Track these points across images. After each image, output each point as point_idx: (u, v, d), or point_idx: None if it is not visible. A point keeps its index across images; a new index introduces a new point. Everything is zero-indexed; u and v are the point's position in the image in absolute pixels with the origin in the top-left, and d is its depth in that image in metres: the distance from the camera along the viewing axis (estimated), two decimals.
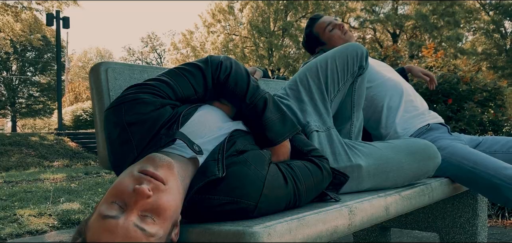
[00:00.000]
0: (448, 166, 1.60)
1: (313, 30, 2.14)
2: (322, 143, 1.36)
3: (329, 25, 2.10)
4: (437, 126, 1.83)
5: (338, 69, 1.51)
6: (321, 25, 2.12)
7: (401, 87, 1.93)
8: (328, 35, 2.10)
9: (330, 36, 2.10)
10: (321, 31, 2.11)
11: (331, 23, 2.11)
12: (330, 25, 2.10)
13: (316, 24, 2.14)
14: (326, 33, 2.10)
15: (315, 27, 2.14)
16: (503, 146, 1.74)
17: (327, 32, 2.10)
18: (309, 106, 1.45)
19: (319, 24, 2.13)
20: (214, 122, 1.08)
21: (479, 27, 28.93)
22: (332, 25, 2.10)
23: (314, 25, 2.14)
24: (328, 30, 2.10)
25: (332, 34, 2.10)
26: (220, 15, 29.07)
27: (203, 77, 1.11)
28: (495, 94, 3.72)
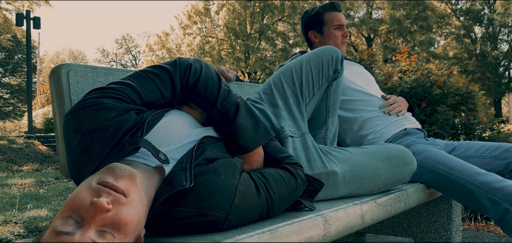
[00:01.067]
0: (423, 171, 1.59)
1: (323, 16, 2.09)
2: (297, 148, 1.31)
3: (339, 25, 2.06)
4: (414, 130, 1.82)
5: (313, 73, 1.47)
6: (333, 17, 2.07)
7: (375, 94, 1.92)
8: (330, 32, 2.07)
9: (330, 34, 2.07)
10: (330, 23, 2.07)
11: (341, 25, 2.07)
12: (339, 25, 2.06)
13: (328, 13, 2.08)
14: (329, 30, 2.07)
15: (327, 16, 2.08)
16: (477, 151, 1.75)
17: (331, 30, 2.06)
18: (283, 111, 1.40)
19: (332, 16, 2.08)
20: (183, 128, 1.02)
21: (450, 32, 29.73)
22: (341, 27, 2.07)
23: (328, 12, 2.08)
24: (334, 27, 2.06)
25: (333, 34, 2.06)
26: (197, 17, 28.89)
27: (171, 80, 1.05)
28: (467, 98, 3.78)
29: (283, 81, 1.45)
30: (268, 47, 28.97)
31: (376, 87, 2.03)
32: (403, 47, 22.98)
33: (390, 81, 3.70)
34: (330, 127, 1.55)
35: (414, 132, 1.81)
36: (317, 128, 1.55)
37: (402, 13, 27.34)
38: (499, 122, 4.11)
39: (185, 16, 29.31)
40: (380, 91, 2.04)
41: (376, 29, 28.92)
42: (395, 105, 1.92)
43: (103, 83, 1.27)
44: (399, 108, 1.93)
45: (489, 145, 1.76)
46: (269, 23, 28.50)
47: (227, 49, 28.62)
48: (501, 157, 1.71)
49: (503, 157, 1.71)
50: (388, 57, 27.82)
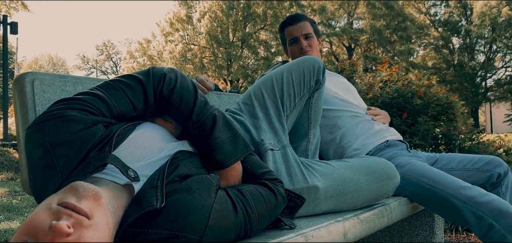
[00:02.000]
0: (406, 184, 1.55)
1: (283, 34, 2.11)
2: (277, 162, 1.26)
3: (293, 39, 2.05)
4: (396, 142, 1.79)
5: (294, 83, 1.42)
6: (288, 33, 2.08)
7: (358, 107, 1.89)
8: (292, 48, 2.07)
9: (292, 50, 2.06)
10: (287, 39, 2.09)
11: (295, 38, 2.05)
12: (293, 39, 2.05)
13: (286, 29, 2.09)
14: (291, 45, 2.07)
15: (286, 32, 2.09)
16: (459, 163, 1.73)
17: (291, 46, 2.07)
18: (263, 122, 1.35)
19: (288, 31, 2.08)
20: (155, 142, 0.96)
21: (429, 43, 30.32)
22: (295, 40, 2.05)
23: (286, 28, 2.09)
24: (289, 43, 2.07)
25: (293, 48, 2.06)
26: (178, 24, 28.73)
27: (144, 91, 0.99)
28: (447, 108, 3.80)
29: (264, 91, 1.40)
30: (251, 55, 29.01)
31: (358, 98, 2.00)
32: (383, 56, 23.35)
33: (372, 92, 3.70)
34: (312, 139, 1.50)
35: (396, 143, 1.78)
36: (298, 140, 1.50)
37: (382, 24, 27.77)
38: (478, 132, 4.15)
39: (167, 23, 29.11)
40: (362, 101, 2.01)
41: (356, 39, 29.28)
42: (380, 117, 1.92)
43: (72, 92, 1.19)
44: (382, 119, 1.92)
45: (471, 157, 1.74)
46: (252, 32, 28.55)
47: (210, 57, 28.51)
48: (483, 170, 1.69)
49: (485, 169, 1.69)
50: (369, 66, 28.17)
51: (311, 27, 2.08)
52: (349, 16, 29.94)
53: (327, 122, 1.82)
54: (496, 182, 1.67)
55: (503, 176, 1.67)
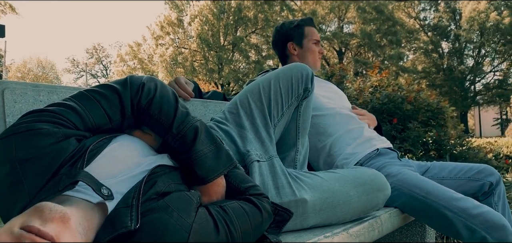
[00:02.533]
0: (398, 194, 1.51)
1: (303, 29, 2.06)
2: (264, 174, 1.21)
3: (317, 41, 2.07)
4: (386, 150, 1.75)
5: (282, 91, 1.37)
6: (312, 32, 2.07)
7: (348, 113, 1.84)
8: (309, 45, 2.05)
9: (309, 48, 2.04)
10: (310, 37, 2.05)
11: (318, 41, 2.09)
12: (317, 41, 2.07)
13: (308, 27, 2.07)
14: (309, 43, 2.05)
15: (306, 30, 2.06)
16: (450, 172, 1.69)
17: (310, 44, 2.05)
18: (250, 132, 1.30)
19: (311, 30, 2.07)
20: (132, 156, 0.90)
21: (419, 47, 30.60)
22: (318, 43, 2.08)
23: (308, 26, 2.07)
24: (313, 41, 2.05)
25: (312, 48, 2.05)
26: (169, 27, 28.61)
27: (120, 102, 0.93)
28: (438, 113, 3.78)
29: (250, 100, 1.35)
30: (242, 59, 28.99)
31: (348, 105, 1.96)
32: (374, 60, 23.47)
33: (362, 97, 3.67)
34: (300, 149, 1.45)
35: (387, 152, 1.74)
36: (286, 150, 1.45)
37: (372, 28, 27.95)
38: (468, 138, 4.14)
39: (157, 26, 28.98)
40: (349, 106, 1.97)
41: (347, 43, 29.43)
42: (364, 118, 1.89)
43: (46, 102, 1.13)
44: (367, 120, 1.89)
45: (462, 166, 1.71)
46: (243, 35, 28.54)
47: (200, 61, 28.43)
48: (474, 179, 1.66)
49: (476, 178, 1.66)
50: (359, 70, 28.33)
51: None
52: (340, 21, 30.09)
53: (317, 129, 1.77)
54: (488, 191, 1.64)
55: (495, 185, 1.63)
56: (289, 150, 1.44)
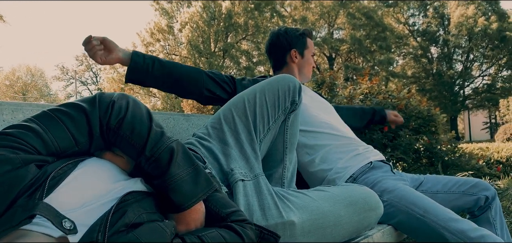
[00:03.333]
0: (395, 211, 1.44)
1: (306, 39, 2.03)
2: (249, 194, 1.13)
3: (314, 54, 2.06)
4: (380, 163, 1.68)
5: (268, 105, 1.30)
6: (312, 44, 2.06)
7: (337, 125, 1.77)
8: (309, 57, 2.03)
9: (309, 59, 2.02)
10: (310, 48, 2.03)
11: (314, 54, 2.07)
12: (314, 54, 2.06)
13: (309, 39, 2.06)
14: (309, 55, 2.03)
15: (308, 41, 2.04)
16: (444, 186, 1.63)
17: (310, 56, 2.03)
18: (234, 149, 1.22)
19: (311, 43, 2.06)
20: (100, 182, 0.82)
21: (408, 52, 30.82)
22: (313, 56, 2.06)
23: (309, 37, 2.06)
24: (311, 54, 2.04)
25: (310, 61, 2.03)
26: (159, 34, 28.50)
27: (88, 122, 0.84)
28: (429, 121, 3.74)
29: (235, 114, 1.27)
30: (232, 65, 28.95)
31: (337, 117, 1.89)
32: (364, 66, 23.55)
33: (352, 104, 3.61)
34: (288, 165, 1.37)
35: (380, 165, 1.67)
36: (273, 166, 1.37)
37: (362, 34, 28.11)
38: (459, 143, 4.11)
39: (147, 33, 28.85)
40: (341, 120, 1.90)
41: (337, 48, 29.54)
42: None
43: (10, 121, 1.04)
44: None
45: (456, 179, 1.65)
46: (233, 42, 28.53)
47: None
48: (469, 193, 1.60)
49: (471, 192, 1.60)
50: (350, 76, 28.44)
51: None
52: (330, 27, 30.22)
53: (305, 142, 1.69)
54: (484, 206, 1.58)
55: (491, 200, 1.58)
56: (276, 166, 1.37)
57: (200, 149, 1.21)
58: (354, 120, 2.30)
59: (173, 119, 1.39)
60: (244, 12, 28.01)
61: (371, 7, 27.95)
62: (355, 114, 2.37)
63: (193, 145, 1.22)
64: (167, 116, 1.38)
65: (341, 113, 2.09)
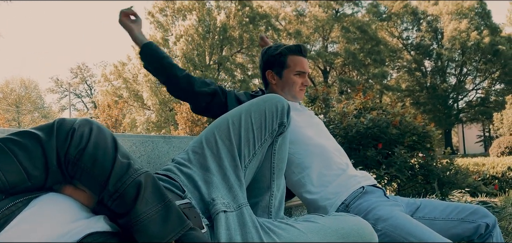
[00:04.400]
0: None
1: (285, 58, 1.84)
2: (231, 227, 1.03)
3: (301, 72, 1.84)
4: (372, 188, 1.58)
5: (254, 127, 1.21)
6: (296, 62, 1.84)
7: (327, 145, 1.68)
8: (289, 77, 1.84)
9: (289, 79, 1.84)
10: (292, 67, 1.83)
11: (304, 72, 1.86)
12: (301, 72, 1.84)
13: (293, 57, 1.85)
14: (289, 74, 1.84)
15: (290, 59, 1.84)
16: (442, 212, 1.54)
17: (291, 75, 1.83)
18: (216, 176, 1.12)
19: (296, 60, 1.84)
20: (57, 222, 0.72)
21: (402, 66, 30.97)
22: (302, 74, 1.85)
23: (293, 55, 1.85)
24: (295, 73, 1.83)
25: (292, 80, 1.83)
26: None
27: (43, 153, 0.75)
28: (424, 137, 3.67)
29: (218, 137, 1.18)
30: (227, 78, 28.94)
31: (327, 133, 1.80)
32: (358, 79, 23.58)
33: (346, 121, 3.53)
34: (275, 193, 1.28)
35: (373, 190, 1.58)
36: (259, 194, 1.27)
37: (356, 47, 28.25)
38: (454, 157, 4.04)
39: None
40: (331, 137, 1.80)
41: (332, 62, 29.63)
42: None
43: None
44: None
45: (454, 205, 1.56)
46: (228, 55, 28.53)
47: None
48: (468, 220, 1.51)
49: (470, 219, 1.51)
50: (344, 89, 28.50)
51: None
52: (324, 40, 30.33)
53: (292, 160, 1.59)
54: (485, 234, 1.49)
55: (492, 228, 1.49)
56: (263, 194, 1.27)
57: (179, 176, 1.11)
58: None
59: (151, 142, 1.30)
60: (239, 25, 28.07)
61: (365, 21, 28.12)
62: None
63: (171, 172, 1.12)
64: (145, 139, 1.29)
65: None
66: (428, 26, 30.02)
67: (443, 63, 29.60)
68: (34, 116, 47.01)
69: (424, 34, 30.30)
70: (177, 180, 1.09)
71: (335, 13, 29.55)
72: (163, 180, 1.08)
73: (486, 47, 26.87)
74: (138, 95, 29.27)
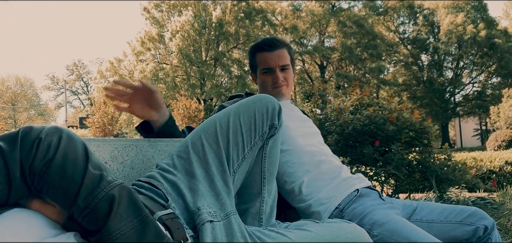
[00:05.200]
0: None
1: (255, 56, 1.75)
2: (218, 237, 0.97)
3: (267, 69, 1.72)
4: (367, 191, 1.52)
5: (243, 129, 1.14)
6: (262, 59, 1.73)
7: (319, 150, 1.62)
8: (259, 75, 1.74)
9: (260, 78, 1.74)
10: (260, 65, 1.74)
11: (269, 69, 1.72)
12: (267, 69, 1.72)
13: (260, 54, 1.74)
14: (259, 73, 1.74)
15: (258, 56, 1.74)
16: (440, 214, 1.48)
17: (260, 74, 1.74)
18: (202, 183, 1.06)
19: (262, 57, 1.73)
20: (22, 241, 0.66)
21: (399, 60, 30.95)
22: (270, 71, 1.73)
23: (260, 52, 1.74)
24: (262, 71, 1.73)
25: (262, 79, 1.73)
26: (150, 43, 28.28)
27: (5, 165, 0.68)
28: (421, 133, 3.61)
29: (204, 141, 1.11)
30: (224, 73, 28.86)
31: (318, 135, 1.74)
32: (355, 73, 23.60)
33: (342, 118, 3.47)
34: (266, 198, 1.21)
35: (368, 192, 1.52)
36: (249, 200, 1.21)
37: (353, 42, 28.19)
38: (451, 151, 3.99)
39: (138, 42, 28.62)
40: (321, 139, 1.73)
41: (328, 56, 29.59)
42: None
43: None
44: None
45: (452, 208, 1.50)
46: (224, 50, 28.43)
47: (182, 76, 28.16)
48: (467, 222, 1.45)
49: (469, 222, 1.45)
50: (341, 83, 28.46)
51: (289, 56, 1.76)
52: (321, 35, 30.27)
53: (283, 168, 1.53)
54: (484, 236, 1.44)
55: (491, 230, 1.43)
56: (253, 200, 1.21)
57: (163, 183, 1.05)
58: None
59: (135, 146, 1.23)
60: (235, 21, 27.96)
61: (361, 16, 28.06)
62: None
63: (154, 179, 1.06)
64: (129, 143, 1.22)
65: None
66: (425, 20, 29.99)
67: (439, 57, 29.59)
68: (31, 114, 46.84)
69: (420, 28, 30.28)
70: (160, 188, 1.02)
71: (331, 8, 29.48)
72: (146, 188, 1.02)
73: (482, 41, 26.88)
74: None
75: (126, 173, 1.20)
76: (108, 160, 1.15)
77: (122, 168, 1.18)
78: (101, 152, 1.14)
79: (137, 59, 28.67)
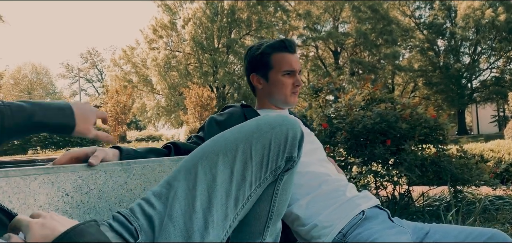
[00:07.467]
0: None
1: (269, 58, 1.59)
2: None
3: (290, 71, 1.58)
4: (375, 211, 1.38)
5: (253, 162, 0.94)
6: (282, 60, 1.58)
7: (321, 166, 1.48)
8: (277, 79, 1.58)
9: (278, 81, 1.59)
10: (279, 67, 1.58)
11: (292, 71, 1.58)
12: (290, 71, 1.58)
13: (278, 54, 1.59)
14: (276, 76, 1.58)
15: (274, 58, 1.58)
16: (455, 238, 1.34)
17: (279, 77, 1.58)
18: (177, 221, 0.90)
19: (282, 58, 1.58)
20: None
21: (415, 45, 30.34)
22: (292, 73, 1.59)
23: (277, 52, 1.59)
24: (282, 73, 1.57)
25: (281, 82, 1.58)
26: (162, 31, 28.25)
27: None
28: (436, 130, 3.43)
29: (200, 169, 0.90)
30: (236, 61, 28.69)
31: (321, 149, 1.60)
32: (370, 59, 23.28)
33: (352, 114, 3.31)
34: (267, 240, 1.06)
35: (375, 214, 1.38)
36: (247, 238, 1.04)
37: (367, 27, 27.67)
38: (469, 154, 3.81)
39: (150, 30, 28.61)
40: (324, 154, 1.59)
41: (342, 42, 29.14)
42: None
43: None
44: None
45: (469, 231, 1.35)
46: (237, 37, 28.23)
47: (195, 64, 28.12)
48: None
49: None
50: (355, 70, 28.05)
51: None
52: (335, 20, 29.79)
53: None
54: None
55: None
56: (252, 239, 1.05)
57: (139, 219, 0.91)
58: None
59: (104, 172, 1.07)
60: (247, 7, 27.70)
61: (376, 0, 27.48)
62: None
63: (132, 213, 0.93)
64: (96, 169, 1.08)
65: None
66: (441, 4, 29.22)
67: (456, 42, 28.88)
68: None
69: (437, 13, 29.56)
70: (133, 224, 0.90)
71: None
72: (120, 222, 0.90)
73: (501, 25, 26.09)
74: (147, 80, 29.25)
75: (92, 204, 1.05)
76: (70, 191, 1.02)
77: (87, 198, 1.04)
78: (61, 182, 1.01)
79: (149, 47, 28.68)
